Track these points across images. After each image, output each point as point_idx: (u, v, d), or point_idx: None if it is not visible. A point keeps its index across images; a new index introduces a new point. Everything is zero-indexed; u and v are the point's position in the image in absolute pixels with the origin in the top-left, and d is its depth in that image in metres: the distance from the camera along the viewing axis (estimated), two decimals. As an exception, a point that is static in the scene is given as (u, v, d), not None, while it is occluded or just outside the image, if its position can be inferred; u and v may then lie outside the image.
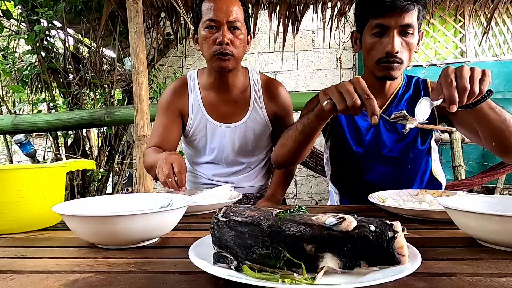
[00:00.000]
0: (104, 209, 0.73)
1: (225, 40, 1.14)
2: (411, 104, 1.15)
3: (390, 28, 1.01)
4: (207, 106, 1.31)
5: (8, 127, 2.58)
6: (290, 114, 1.39)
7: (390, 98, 1.17)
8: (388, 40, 1.01)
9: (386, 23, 1.01)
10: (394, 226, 0.43)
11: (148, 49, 3.10)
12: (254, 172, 1.41)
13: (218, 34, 1.15)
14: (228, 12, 1.15)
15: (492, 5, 2.57)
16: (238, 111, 1.31)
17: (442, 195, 0.93)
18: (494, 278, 0.45)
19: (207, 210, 0.95)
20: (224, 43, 1.14)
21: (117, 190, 3.27)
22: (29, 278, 0.48)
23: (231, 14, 1.15)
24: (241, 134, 1.32)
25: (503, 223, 0.53)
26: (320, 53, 3.95)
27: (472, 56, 3.68)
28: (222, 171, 1.37)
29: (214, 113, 1.31)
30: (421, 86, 1.18)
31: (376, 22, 1.03)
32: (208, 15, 1.16)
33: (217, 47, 1.15)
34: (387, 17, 1.00)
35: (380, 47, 1.03)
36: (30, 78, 3.08)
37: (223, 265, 0.47)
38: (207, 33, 1.17)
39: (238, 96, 1.31)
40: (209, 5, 1.16)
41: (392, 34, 1.01)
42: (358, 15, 1.13)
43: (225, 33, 1.14)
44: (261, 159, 1.41)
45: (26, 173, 0.76)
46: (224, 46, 1.14)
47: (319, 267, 0.44)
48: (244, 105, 1.32)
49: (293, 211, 0.51)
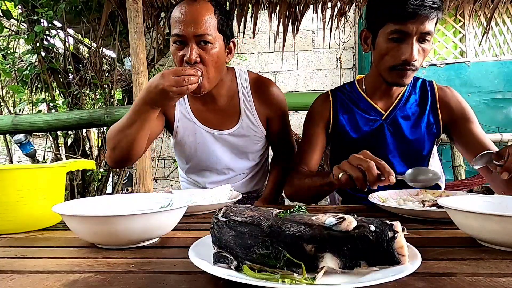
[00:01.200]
0: (104, 209, 0.73)
1: (192, 59, 1.00)
2: (418, 108, 1.14)
3: (410, 35, 0.96)
4: (196, 113, 1.23)
5: (8, 127, 2.58)
6: (285, 113, 1.32)
7: (396, 100, 1.15)
8: (407, 48, 0.96)
9: (407, 30, 0.95)
10: (394, 226, 0.43)
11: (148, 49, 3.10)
12: (250, 178, 1.37)
13: (185, 50, 1.01)
14: (196, 25, 1.00)
15: (492, 5, 2.56)
16: (228, 119, 1.24)
17: (442, 195, 0.93)
18: (494, 278, 0.45)
19: (207, 210, 0.95)
20: (191, 62, 1.00)
21: (117, 190, 3.27)
22: (29, 278, 0.48)
23: (199, 27, 1.00)
24: (233, 142, 1.26)
25: (503, 223, 0.53)
26: (320, 53, 3.95)
27: (472, 56, 3.68)
28: (216, 178, 1.32)
29: (203, 119, 1.24)
30: (428, 88, 1.16)
31: (395, 27, 0.96)
32: (175, 28, 1.02)
33: (185, 66, 1.01)
34: (408, 24, 0.94)
35: (397, 54, 0.99)
36: (30, 78, 3.08)
37: (223, 265, 0.47)
38: (175, 49, 1.04)
39: (226, 104, 1.22)
40: (176, 16, 1.02)
41: (412, 42, 0.96)
42: (373, 15, 1.05)
43: (193, 50, 1.00)
44: (256, 163, 1.37)
45: (26, 173, 0.76)
46: (192, 65, 1.00)
47: (319, 267, 0.44)
48: (233, 112, 1.23)
49: (293, 211, 0.51)
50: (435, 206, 0.80)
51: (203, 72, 1.02)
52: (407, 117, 1.14)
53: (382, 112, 1.15)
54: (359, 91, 1.19)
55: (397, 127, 1.13)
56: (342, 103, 1.19)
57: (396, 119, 1.13)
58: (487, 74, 3.63)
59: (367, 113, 1.16)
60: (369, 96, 1.17)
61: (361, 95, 1.18)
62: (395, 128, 1.13)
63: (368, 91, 1.18)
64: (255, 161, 1.36)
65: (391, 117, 1.14)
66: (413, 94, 1.16)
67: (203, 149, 1.26)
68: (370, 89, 1.17)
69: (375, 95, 1.16)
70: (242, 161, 1.31)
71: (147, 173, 1.93)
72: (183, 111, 1.24)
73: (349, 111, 1.18)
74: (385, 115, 1.14)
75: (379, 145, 1.14)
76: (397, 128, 1.13)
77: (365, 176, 0.79)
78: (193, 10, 1.01)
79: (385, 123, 1.14)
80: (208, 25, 1.01)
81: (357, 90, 1.20)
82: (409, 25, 0.95)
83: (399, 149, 1.14)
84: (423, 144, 1.14)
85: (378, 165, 0.78)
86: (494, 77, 3.62)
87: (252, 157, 1.33)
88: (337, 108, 1.19)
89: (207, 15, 1.02)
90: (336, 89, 1.24)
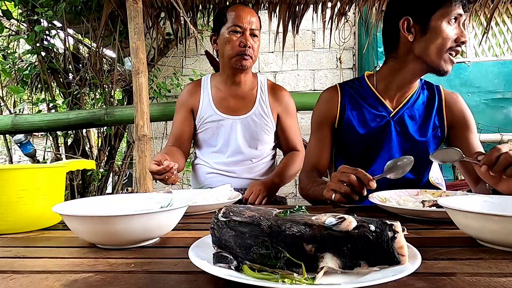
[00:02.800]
0: (104, 209, 0.73)
1: (248, 43, 1.35)
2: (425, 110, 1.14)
3: (458, 17, 1.02)
4: (216, 101, 1.47)
5: (8, 127, 2.58)
6: (294, 117, 1.52)
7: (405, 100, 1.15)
8: (459, 29, 1.02)
9: (460, 12, 1.01)
10: (394, 226, 0.43)
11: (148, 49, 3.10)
12: (256, 166, 1.49)
13: (242, 38, 1.35)
14: (251, 21, 1.37)
15: (492, 5, 2.56)
16: (245, 105, 1.46)
17: (442, 195, 0.93)
18: (494, 278, 0.45)
19: (207, 210, 0.95)
20: (247, 46, 1.35)
21: (117, 190, 3.27)
22: (29, 278, 0.48)
23: (253, 23, 1.37)
24: (246, 126, 1.45)
25: (503, 223, 0.53)
26: (320, 53, 3.95)
27: (472, 56, 3.68)
28: (224, 160, 1.46)
29: (222, 106, 1.46)
30: (435, 92, 1.17)
31: (457, 11, 1.01)
32: (234, 21, 1.35)
33: (241, 49, 1.35)
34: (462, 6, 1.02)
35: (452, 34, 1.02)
36: (30, 78, 3.08)
37: (223, 265, 0.47)
38: (232, 36, 1.36)
39: (246, 92, 1.48)
40: (236, 13, 1.37)
41: (461, 24, 1.02)
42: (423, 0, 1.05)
43: (248, 38, 1.35)
44: (263, 155, 1.50)
45: (26, 173, 0.76)
46: (246, 48, 1.35)
47: (319, 267, 0.44)
48: (250, 100, 1.47)
49: (293, 211, 0.51)
50: (435, 206, 0.80)
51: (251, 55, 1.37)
52: (414, 117, 1.14)
53: (390, 109, 1.15)
54: (369, 86, 1.19)
55: (403, 126, 1.13)
56: (350, 97, 1.19)
57: (403, 118, 1.13)
58: (487, 74, 3.63)
59: (375, 109, 1.15)
60: (379, 92, 1.17)
61: (371, 90, 1.18)
62: (401, 127, 1.13)
63: (379, 86, 1.17)
64: (263, 152, 1.50)
65: (399, 115, 1.14)
66: (422, 96, 1.16)
67: (218, 131, 1.46)
68: (381, 85, 1.17)
69: (386, 91, 1.16)
70: (251, 147, 1.47)
71: (147, 173, 1.93)
72: (206, 101, 1.47)
73: (357, 106, 1.17)
74: (393, 112, 1.14)
75: (384, 143, 1.14)
76: (404, 127, 1.13)
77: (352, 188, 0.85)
78: (250, 11, 1.40)
79: (392, 121, 1.13)
80: (257, 24, 1.39)
81: (366, 85, 1.19)
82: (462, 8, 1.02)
83: (403, 149, 1.14)
84: (428, 146, 1.14)
85: (357, 175, 0.84)
86: (494, 77, 3.62)
87: (260, 147, 1.49)
88: (345, 103, 1.19)
89: (256, 17, 1.41)
90: (344, 83, 1.23)
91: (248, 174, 1.48)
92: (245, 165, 1.48)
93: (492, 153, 0.80)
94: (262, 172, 1.51)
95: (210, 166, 1.49)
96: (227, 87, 1.47)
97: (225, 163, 1.47)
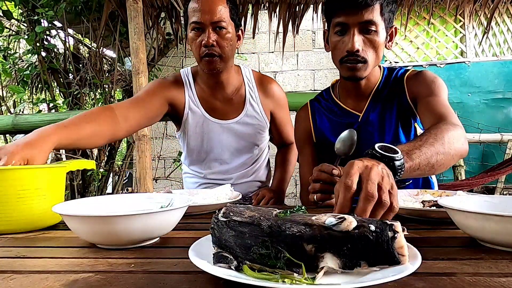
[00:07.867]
0: (104, 209, 0.73)
1: (209, 42, 1.14)
2: (388, 99, 1.12)
3: (349, 26, 0.99)
4: (203, 104, 1.31)
5: (8, 127, 2.58)
6: (286, 108, 1.42)
7: (367, 99, 1.14)
8: (349, 38, 0.99)
9: (346, 21, 0.99)
10: (394, 226, 0.43)
11: (148, 49, 3.10)
12: (252, 169, 1.42)
13: (203, 36, 1.15)
14: (212, 13, 1.14)
15: (492, 5, 2.56)
16: (234, 109, 1.32)
17: (442, 195, 0.93)
18: (494, 278, 0.45)
19: (207, 210, 0.95)
20: (209, 45, 1.14)
21: (117, 190, 3.27)
22: (29, 278, 0.48)
23: (215, 15, 1.14)
24: (239, 130, 1.32)
25: (503, 223, 0.53)
26: (320, 53, 3.95)
27: (472, 56, 3.68)
28: (219, 168, 1.37)
29: (211, 110, 1.31)
30: (395, 76, 1.14)
31: (337, 20, 1.01)
32: (193, 17, 1.15)
33: (203, 49, 1.15)
34: (346, 15, 0.98)
35: (342, 46, 1.01)
36: (30, 78, 3.08)
37: (223, 265, 0.47)
38: (193, 35, 1.17)
39: (233, 94, 1.32)
40: (193, 7, 1.16)
41: (352, 32, 0.98)
42: (325, 14, 1.10)
43: (210, 35, 1.14)
44: (258, 156, 1.43)
45: (26, 173, 0.76)
46: (209, 48, 1.15)
47: (319, 267, 0.44)
48: (239, 102, 1.32)
49: (293, 211, 0.51)
50: (435, 206, 0.80)
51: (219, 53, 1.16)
52: (380, 112, 1.12)
53: (357, 114, 1.15)
54: (333, 97, 1.21)
55: (373, 125, 1.13)
56: (319, 112, 1.22)
57: (372, 117, 1.13)
58: (487, 74, 3.63)
59: (342, 118, 1.17)
60: (342, 101, 1.18)
61: (335, 101, 1.20)
62: (372, 126, 1.13)
63: (341, 95, 1.19)
64: (258, 153, 1.42)
65: (366, 117, 1.13)
66: (385, 88, 1.14)
67: (209, 138, 1.32)
68: (342, 93, 1.19)
69: (347, 98, 1.17)
70: (246, 152, 1.37)
71: (147, 173, 1.93)
72: (192, 103, 1.30)
73: (326, 119, 1.20)
74: (360, 116, 1.14)
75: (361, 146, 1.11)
76: (374, 126, 1.13)
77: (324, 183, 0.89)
78: (209, 0, 1.15)
79: (362, 125, 1.13)
80: (222, 13, 1.15)
81: (331, 96, 1.22)
82: (346, 16, 0.98)
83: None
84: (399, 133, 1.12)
85: (321, 169, 0.88)
86: (494, 77, 3.62)
87: (255, 148, 1.39)
88: (316, 119, 1.22)
89: (221, 5, 1.16)
90: (314, 99, 1.27)
91: (245, 178, 1.40)
92: (241, 170, 1.39)
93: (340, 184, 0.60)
94: (259, 172, 1.45)
95: (203, 177, 1.39)
96: (211, 90, 1.30)
97: (220, 171, 1.37)
